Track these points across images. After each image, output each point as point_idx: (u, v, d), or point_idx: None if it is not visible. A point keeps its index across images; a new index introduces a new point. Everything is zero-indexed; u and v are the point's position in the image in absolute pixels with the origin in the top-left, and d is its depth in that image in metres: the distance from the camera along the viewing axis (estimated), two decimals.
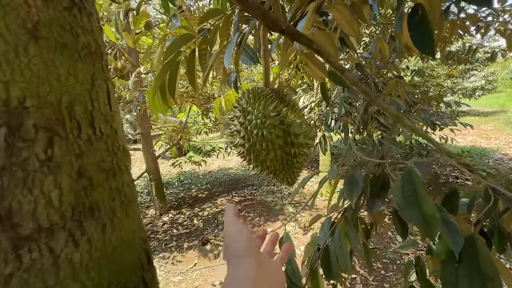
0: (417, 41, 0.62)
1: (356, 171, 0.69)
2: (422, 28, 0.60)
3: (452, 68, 8.50)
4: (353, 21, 0.84)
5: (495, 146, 5.89)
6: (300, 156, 0.50)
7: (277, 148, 0.47)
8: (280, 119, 0.47)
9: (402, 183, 0.50)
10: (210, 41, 1.07)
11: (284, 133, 0.47)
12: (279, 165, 0.49)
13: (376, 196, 0.71)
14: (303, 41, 0.51)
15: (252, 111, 0.48)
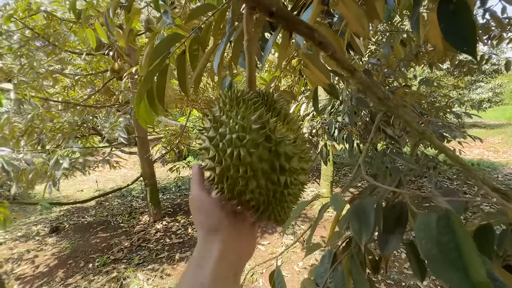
0: (451, 35, 0.47)
1: (366, 201, 0.55)
2: (459, 19, 0.46)
3: (459, 79, 8.35)
4: (362, 16, 0.70)
5: (504, 160, 5.68)
6: (294, 186, 0.35)
7: (261, 176, 0.33)
8: (266, 133, 0.33)
9: (437, 232, 0.36)
10: (202, 41, 0.94)
11: (271, 154, 0.33)
12: (263, 199, 0.35)
13: (390, 231, 0.56)
14: (302, 29, 0.38)
15: (227, 121, 0.34)
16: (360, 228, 0.51)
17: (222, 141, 0.33)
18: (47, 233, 3.79)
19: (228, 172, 0.33)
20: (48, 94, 3.57)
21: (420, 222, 0.46)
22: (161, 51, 0.77)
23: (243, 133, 0.32)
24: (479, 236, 0.64)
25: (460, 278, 0.31)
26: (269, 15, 0.36)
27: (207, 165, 0.36)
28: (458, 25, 0.44)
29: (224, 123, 0.34)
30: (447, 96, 5.80)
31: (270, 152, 0.33)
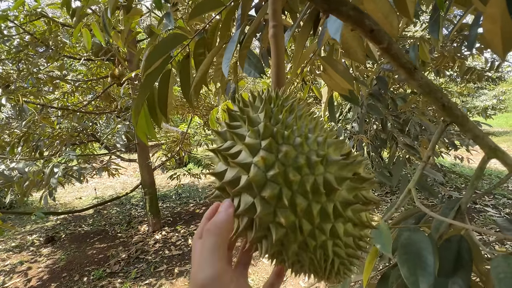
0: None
1: (418, 236, 0.43)
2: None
3: (463, 86, 8.28)
4: (392, 14, 0.61)
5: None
6: (364, 241, 0.24)
7: (343, 234, 0.21)
8: (352, 169, 0.21)
9: None
10: (208, 43, 0.84)
11: (356, 197, 0.22)
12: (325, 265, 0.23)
13: (449, 275, 0.44)
14: (347, 12, 0.28)
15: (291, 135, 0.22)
16: (415, 273, 0.40)
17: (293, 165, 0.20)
18: (42, 243, 3.65)
19: (287, 250, 0.21)
20: (47, 100, 3.49)
21: (501, 270, 0.35)
22: (161, 52, 0.66)
23: (322, 157, 0.20)
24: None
25: None
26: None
27: (240, 229, 0.24)
28: None
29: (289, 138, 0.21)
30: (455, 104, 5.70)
31: (355, 193, 0.21)
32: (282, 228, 0.20)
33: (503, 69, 10.06)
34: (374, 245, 0.46)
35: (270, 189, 0.20)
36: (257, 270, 2.75)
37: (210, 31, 0.82)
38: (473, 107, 9.31)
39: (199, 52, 0.81)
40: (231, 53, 0.64)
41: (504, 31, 0.44)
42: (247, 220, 0.22)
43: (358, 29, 0.32)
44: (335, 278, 0.25)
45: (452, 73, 6.07)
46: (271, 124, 0.22)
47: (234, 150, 0.22)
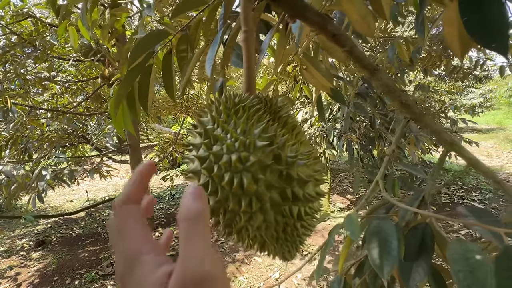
0: (476, 29, 0.40)
1: (385, 223, 0.46)
2: (486, 10, 0.39)
3: (451, 85, 8.48)
4: (369, 15, 0.64)
5: (498, 165, 5.71)
6: (308, 217, 0.27)
7: (269, 209, 0.25)
8: (274, 152, 0.25)
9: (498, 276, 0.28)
10: (190, 40, 0.85)
11: (282, 179, 0.25)
12: (271, 235, 0.26)
13: (413, 259, 0.48)
14: (311, 18, 0.31)
15: (223, 136, 0.26)
16: (380, 256, 0.43)
17: (217, 163, 0.25)
18: (33, 247, 3.59)
19: (225, 204, 0.25)
20: (36, 102, 3.44)
21: (454, 252, 0.38)
22: (143, 48, 0.68)
23: (245, 152, 0.24)
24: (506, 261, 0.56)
25: None
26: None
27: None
28: (486, 17, 0.37)
29: (220, 139, 0.25)
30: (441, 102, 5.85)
31: (281, 176, 0.24)
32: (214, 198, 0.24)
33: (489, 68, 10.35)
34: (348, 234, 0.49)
35: (202, 179, 0.27)
36: (250, 269, 2.77)
37: (192, 28, 0.83)
38: (462, 105, 9.54)
39: (182, 49, 0.83)
40: (213, 53, 0.66)
41: (461, 34, 0.47)
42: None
43: (322, 33, 0.34)
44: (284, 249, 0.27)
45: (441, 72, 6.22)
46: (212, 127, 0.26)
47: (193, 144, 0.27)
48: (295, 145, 0.27)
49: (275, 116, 0.30)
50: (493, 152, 6.90)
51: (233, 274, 2.69)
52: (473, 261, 0.36)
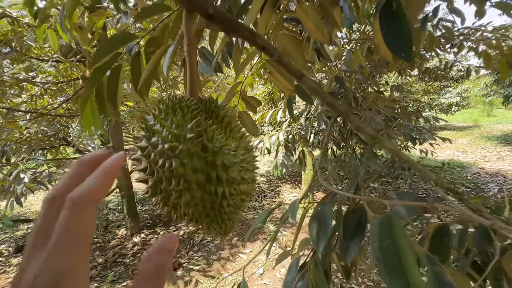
0: (390, 41, 0.49)
1: (325, 207, 0.54)
2: (396, 25, 0.47)
3: (429, 85, 8.85)
4: (321, 24, 0.71)
5: (472, 160, 6.04)
6: (234, 197, 0.34)
7: (195, 188, 0.31)
8: (202, 142, 0.31)
9: (380, 235, 0.35)
10: (158, 43, 0.90)
11: (208, 165, 0.31)
12: (200, 211, 0.32)
13: (350, 237, 0.55)
14: (243, 33, 0.37)
15: (160, 130, 0.32)
16: (318, 235, 0.50)
17: (154, 151, 0.31)
18: (12, 253, 3.49)
19: (160, 185, 0.31)
20: (13, 104, 3.35)
21: (373, 227, 0.46)
22: (108, 49, 0.73)
23: (176, 142, 0.30)
24: (436, 237, 0.65)
25: (400, 283, 0.31)
26: (207, 17, 0.35)
27: (139, 176, 0.33)
28: (396, 31, 0.46)
29: (157, 132, 0.32)
30: (418, 101, 6.12)
31: (207, 162, 0.31)
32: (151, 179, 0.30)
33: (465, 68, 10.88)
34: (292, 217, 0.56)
35: (143, 165, 0.33)
36: (235, 266, 2.83)
37: (160, 31, 0.88)
38: (439, 104, 9.97)
39: (150, 50, 0.88)
40: (170, 54, 0.72)
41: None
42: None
43: (254, 46, 0.41)
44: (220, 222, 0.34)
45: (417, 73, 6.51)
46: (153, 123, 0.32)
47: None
48: (224, 138, 0.33)
49: (212, 115, 0.36)
50: (468, 148, 7.27)
51: (218, 271, 2.73)
52: (389, 241, 0.44)
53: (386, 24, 0.49)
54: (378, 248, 0.33)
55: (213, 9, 0.34)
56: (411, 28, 0.46)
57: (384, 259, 0.33)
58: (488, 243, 0.71)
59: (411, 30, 0.46)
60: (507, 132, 8.73)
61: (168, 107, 0.34)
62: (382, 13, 0.46)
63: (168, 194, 0.31)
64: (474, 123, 11.82)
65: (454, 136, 8.76)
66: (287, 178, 5.86)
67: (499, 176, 4.82)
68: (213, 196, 0.31)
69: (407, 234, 0.54)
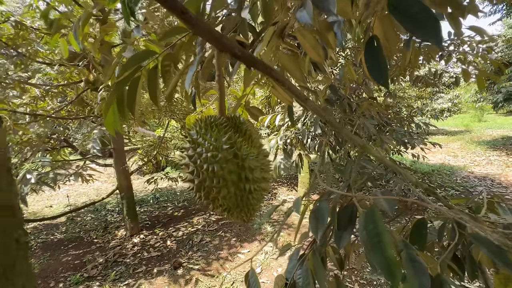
0: (372, 72, 0.61)
1: (322, 204, 0.65)
2: (376, 59, 0.59)
3: (421, 91, 9.10)
4: (317, 46, 0.83)
5: (462, 164, 6.24)
6: (256, 192, 0.45)
7: (230, 185, 0.42)
8: (234, 152, 0.42)
9: (365, 222, 0.46)
10: (174, 58, 1.02)
11: (238, 168, 0.42)
12: (233, 203, 0.43)
13: (343, 229, 0.67)
14: (261, 68, 0.48)
15: (203, 142, 0.43)
16: (316, 225, 0.62)
17: (199, 158, 0.42)
18: None
19: (204, 183, 0.42)
20: (14, 105, 3.40)
21: (361, 219, 0.57)
22: (133, 64, 0.84)
23: (216, 152, 0.41)
24: (416, 229, 0.77)
25: (379, 257, 0.42)
26: (234, 56, 0.46)
27: (187, 177, 0.44)
28: (376, 64, 0.58)
29: (201, 144, 0.42)
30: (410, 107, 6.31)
31: (238, 166, 0.42)
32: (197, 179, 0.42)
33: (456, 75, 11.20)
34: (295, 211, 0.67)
35: (191, 168, 0.43)
36: (234, 265, 2.92)
37: (176, 48, 1.00)
38: (432, 109, 10.24)
39: (166, 64, 1.00)
40: (193, 71, 0.83)
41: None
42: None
43: (269, 77, 0.52)
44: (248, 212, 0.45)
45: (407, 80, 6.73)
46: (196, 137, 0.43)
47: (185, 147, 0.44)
48: (248, 147, 0.44)
49: (238, 129, 0.48)
50: (458, 152, 7.50)
51: (217, 270, 2.82)
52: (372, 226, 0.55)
53: (368, 59, 0.61)
54: (364, 231, 0.45)
55: (239, 50, 0.45)
56: (386, 63, 0.58)
57: (368, 239, 0.44)
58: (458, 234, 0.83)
59: (387, 64, 0.58)
60: (497, 137, 9.02)
61: (207, 124, 0.45)
62: (366, 49, 0.58)
63: (210, 190, 0.42)
64: (465, 128, 12.14)
65: (446, 141, 9.00)
66: (283, 181, 5.98)
67: (487, 180, 5.01)
68: (243, 191, 0.42)
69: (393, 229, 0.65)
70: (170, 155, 5.83)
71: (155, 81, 0.98)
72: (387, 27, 0.63)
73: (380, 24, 0.63)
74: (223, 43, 0.44)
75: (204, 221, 4.16)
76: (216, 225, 3.94)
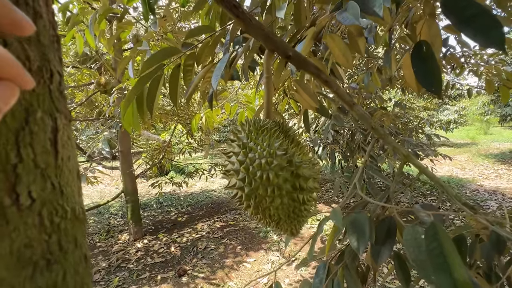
0: (422, 78, 0.58)
1: (361, 216, 0.61)
2: (427, 65, 0.56)
3: (428, 102, 9.06)
4: (347, 52, 0.81)
5: (471, 177, 6.14)
6: (309, 203, 0.41)
7: (284, 195, 0.39)
8: (288, 158, 0.39)
9: (427, 241, 0.43)
10: (197, 58, 1.00)
11: (293, 176, 0.39)
12: (285, 214, 0.40)
13: (382, 243, 0.63)
14: (311, 69, 0.46)
15: (255, 147, 0.40)
16: (357, 239, 0.58)
17: (252, 164, 0.38)
18: None
19: (257, 192, 0.38)
20: None
21: (408, 233, 0.53)
22: (154, 62, 0.82)
23: (270, 158, 0.38)
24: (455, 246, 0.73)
25: (446, 280, 0.38)
26: (286, 57, 0.43)
27: (235, 184, 0.41)
28: (427, 70, 0.55)
29: (253, 149, 0.39)
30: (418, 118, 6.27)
31: (292, 174, 0.39)
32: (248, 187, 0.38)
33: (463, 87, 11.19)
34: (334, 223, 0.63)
35: (241, 175, 0.40)
36: (240, 274, 2.85)
37: (200, 48, 0.98)
38: (438, 120, 10.18)
39: (188, 64, 0.97)
40: (221, 70, 0.81)
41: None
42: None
43: (317, 79, 0.50)
44: (296, 223, 0.41)
45: None
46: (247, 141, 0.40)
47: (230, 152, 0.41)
48: (300, 155, 0.41)
49: (286, 134, 0.44)
50: (466, 165, 7.39)
51: (222, 279, 2.75)
52: (420, 239, 0.51)
53: (417, 64, 0.58)
54: (425, 252, 0.41)
55: (292, 52, 0.43)
56: (440, 68, 0.55)
57: (430, 259, 0.40)
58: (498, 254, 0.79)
59: (439, 69, 0.55)
60: (504, 151, 8.90)
61: (257, 128, 0.42)
62: (413, 54, 0.55)
63: (262, 199, 0.39)
64: (471, 140, 12.01)
65: (452, 153, 8.90)
66: None
67: (498, 194, 4.91)
68: (297, 201, 0.39)
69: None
70: (174, 159, 5.81)
71: (176, 80, 0.96)
72: (434, 31, 0.60)
73: (428, 29, 0.60)
74: (275, 42, 0.41)
75: (209, 227, 4.09)
76: (220, 232, 3.88)
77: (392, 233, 0.62)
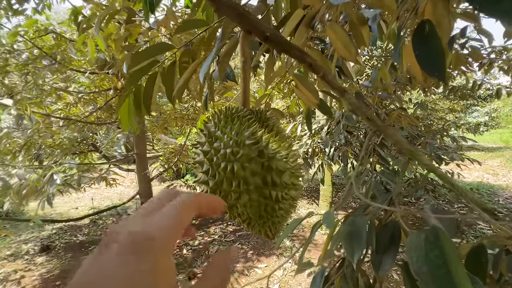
0: (424, 61, 0.50)
1: (358, 219, 0.55)
2: (430, 46, 0.49)
3: (454, 103, 8.54)
4: (349, 43, 0.74)
5: (504, 184, 5.65)
6: (285, 201, 0.36)
7: (253, 190, 0.34)
8: (259, 148, 0.34)
9: (425, 248, 0.36)
10: (193, 54, 0.97)
11: (263, 169, 0.34)
12: (254, 213, 0.35)
13: (383, 251, 0.55)
14: (293, 52, 0.41)
15: (221, 136, 0.35)
16: (352, 246, 0.51)
17: (216, 155, 0.34)
18: (37, 252, 3.66)
19: (221, 186, 0.34)
20: (50, 110, 3.62)
21: (411, 241, 0.46)
22: (146, 56, 0.79)
23: (237, 148, 0.33)
24: (473, 257, 0.63)
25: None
26: (263, 39, 0.39)
27: (201, 178, 0.37)
28: (430, 52, 0.47)
29: (219, 138, 0.35)
30: (443, 119, 5.90)
31: (263, 167, 0.34)
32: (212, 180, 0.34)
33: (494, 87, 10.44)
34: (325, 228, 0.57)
35: (205, 167, 0.36)
36: (250, 280, 2.78)
37: (195, 44, 0.95)
38: (466, 123, 9.55)
39: (184, 61, 0.95)
40: (208, 64, 0.77)
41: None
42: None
43: (302, 63, 0.45)
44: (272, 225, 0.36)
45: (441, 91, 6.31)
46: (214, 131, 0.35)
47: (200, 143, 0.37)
48: (278, 147, 0.36)
49: (264, 124, 0.40)
50: (499, 171, 6.83)
51: (231, 285, 2.70)
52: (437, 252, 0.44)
53: (418, 46, 0.50)
54: (424, 261, 0.34)
55: (270, 32, 0.38)
56: (443, 50, 0.47)
57: (430, 270, 0.33)
58: None
59: (443, 51, 0.48)
60: None
61: (227, 116, 0.38)
62: (415, 36, 0.49)
63: (227, 195, 0.34)
64: (504, 144, 11.12)
65: (482, 158, 8.28)
66: (303, 193, 5.77)
67: None
68: (268, 199, 0.34)
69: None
70: (190, 162, 5.89)
71: (171, 77, 0.93)
72: (440, 11, 0.53)
73: (432, 8, 0.53)
74: (250, 21, 0.37)
75: (221, 231, 4.07)
76: (233, 236, 3.84)
77: (396, 239, 0.55)
